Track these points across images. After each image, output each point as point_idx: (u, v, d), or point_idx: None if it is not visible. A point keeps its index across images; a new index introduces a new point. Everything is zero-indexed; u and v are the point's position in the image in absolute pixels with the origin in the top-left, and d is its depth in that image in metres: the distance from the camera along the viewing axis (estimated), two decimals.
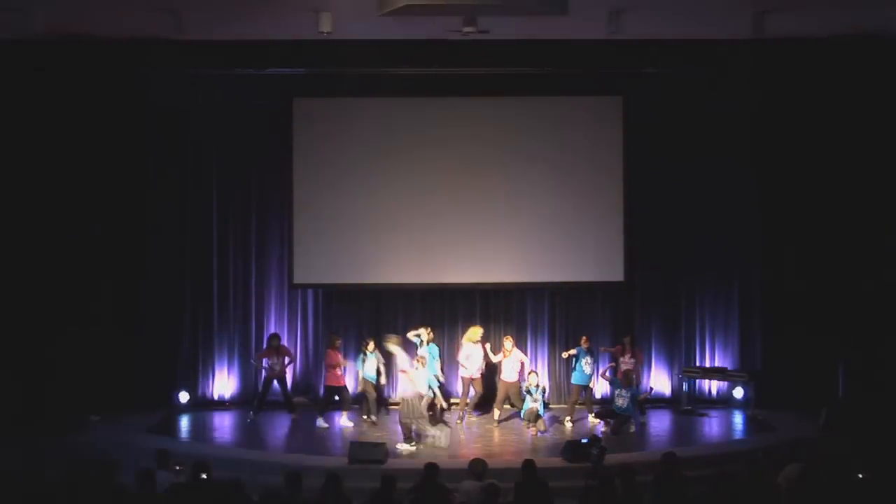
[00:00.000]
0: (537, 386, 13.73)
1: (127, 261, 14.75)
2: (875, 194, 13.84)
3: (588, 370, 14.26)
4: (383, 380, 14.35)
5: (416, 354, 13.64)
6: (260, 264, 15.51)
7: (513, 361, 14.19)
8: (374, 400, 14.20)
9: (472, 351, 14.40)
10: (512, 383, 14.14)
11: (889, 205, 13.75)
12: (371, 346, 14.19)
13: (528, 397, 13.78)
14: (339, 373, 14.24)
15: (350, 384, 14.49)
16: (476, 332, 14.46)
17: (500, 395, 14.22)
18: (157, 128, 14.84)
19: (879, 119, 13.75)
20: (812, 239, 14.57)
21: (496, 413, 14.18)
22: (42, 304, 13.55)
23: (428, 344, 14.31)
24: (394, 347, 13.35)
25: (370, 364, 14.14)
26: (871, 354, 13.67)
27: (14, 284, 13.55)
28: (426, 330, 14.42)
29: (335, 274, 15.29)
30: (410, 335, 14.27)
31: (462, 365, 14.48)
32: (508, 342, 14.27)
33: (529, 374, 14.00)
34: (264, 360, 14.52)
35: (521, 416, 13.96)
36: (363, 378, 14.17)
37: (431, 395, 13.61)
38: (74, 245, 13.93)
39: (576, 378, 14.37)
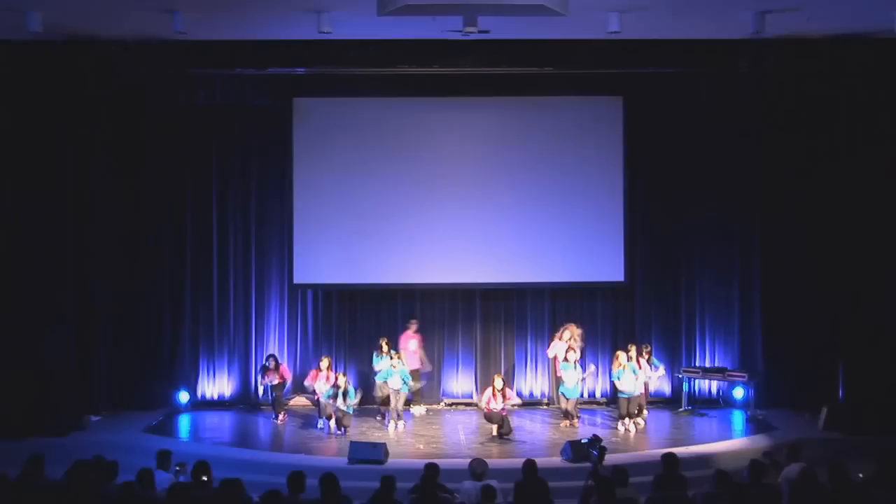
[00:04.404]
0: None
1: (127, 260, 14.76)
2: (875, 194, 13.83)
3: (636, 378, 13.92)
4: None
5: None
6: (260, 264, 15.52)
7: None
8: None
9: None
10: (498, 412, 13.42)
11: (890, 204, 13.75)
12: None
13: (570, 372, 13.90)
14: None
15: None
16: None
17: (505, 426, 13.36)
18: (157, 128, 14.85)
19: (880, 119, 13.75)
20: (812, 238, 14.56)
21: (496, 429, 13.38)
22: (42, 303, 13.54)
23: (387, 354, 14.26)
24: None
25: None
26: (871, 354, 13.66)
27: (15, 284, 13.54)
28: (384, 341, 14.48)
29: (335, 274, 15.29)
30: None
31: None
32: (500, 381, 13.55)
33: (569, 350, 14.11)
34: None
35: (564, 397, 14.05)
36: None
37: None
38: (74, 245, 13.92)
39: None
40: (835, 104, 13.92)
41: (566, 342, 14.36)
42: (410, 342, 14.97)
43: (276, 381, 14.39)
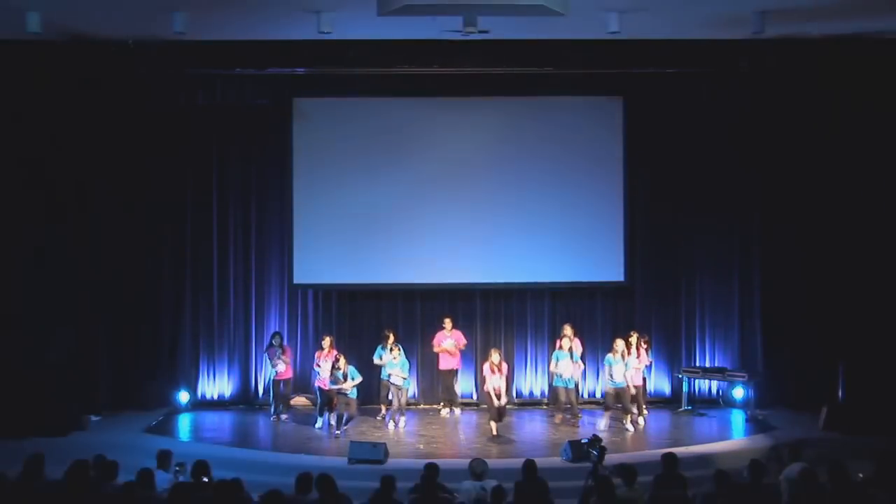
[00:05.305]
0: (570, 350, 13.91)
1: (127, 260, 14.75)
2: (875, 193, 13.84)
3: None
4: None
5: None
6: (260, 264, 15.52)
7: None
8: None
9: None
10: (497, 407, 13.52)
11: (889, 204, 13.75)
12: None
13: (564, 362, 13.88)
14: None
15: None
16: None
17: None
18: (156, 128, 14.85)
19: (879, 119, 13.75)
20: (812, 238, 14.58)
21: (495, 427, 13.47)
22: (42, 303, 13.54)
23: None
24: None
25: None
26: (871, 354, 13.66)
27: (15, 284, 13.54)
28: (390, 332, 14.49)
29: (335, 274, 15.29)
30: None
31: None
32: (496, 356, 13.65)
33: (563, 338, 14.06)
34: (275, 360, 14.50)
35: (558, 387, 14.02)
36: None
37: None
38: (74, 244, 13.92)
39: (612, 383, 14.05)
40: (835, 104, 13.92)
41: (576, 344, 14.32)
42: (446, 342, 14.79)
43: (281, 366, 14.29)
